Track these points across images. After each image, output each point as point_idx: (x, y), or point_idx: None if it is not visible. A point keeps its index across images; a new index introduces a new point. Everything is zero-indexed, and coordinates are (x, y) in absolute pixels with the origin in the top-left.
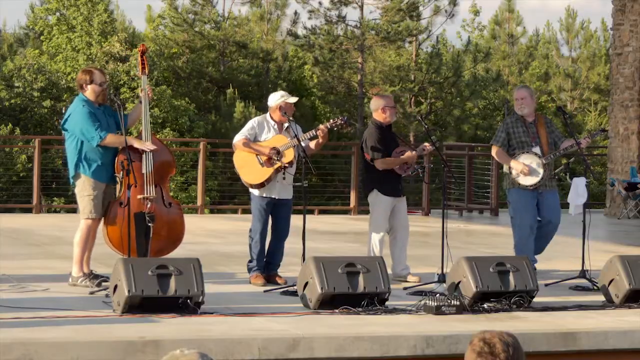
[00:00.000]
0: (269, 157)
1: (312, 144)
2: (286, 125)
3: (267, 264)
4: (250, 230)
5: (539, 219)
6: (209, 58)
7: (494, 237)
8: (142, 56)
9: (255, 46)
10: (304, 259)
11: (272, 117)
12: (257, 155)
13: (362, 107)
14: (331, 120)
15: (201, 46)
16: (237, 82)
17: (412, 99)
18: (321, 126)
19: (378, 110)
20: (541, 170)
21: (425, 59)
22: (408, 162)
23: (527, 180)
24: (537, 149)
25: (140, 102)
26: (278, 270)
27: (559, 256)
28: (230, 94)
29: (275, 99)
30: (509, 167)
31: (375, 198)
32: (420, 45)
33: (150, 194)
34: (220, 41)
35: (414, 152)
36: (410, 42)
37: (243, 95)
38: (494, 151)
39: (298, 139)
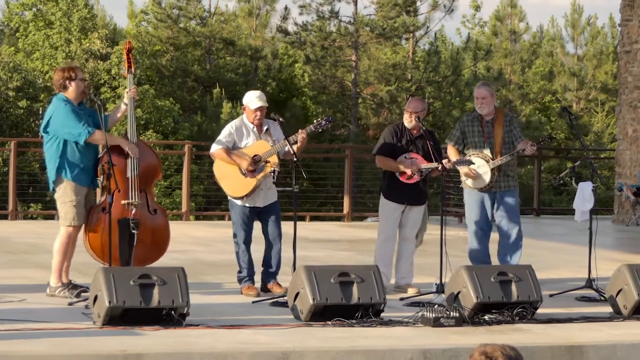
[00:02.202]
0: (250, 170)
1: (293, 148)
2: (265, 127)
3: (264, 272)
4: (234, 238)
5: (496, 220)
6: (195, 56)
7: (495, 245)
8: (128, 54)
9: (243, 43)
10: (294, 268)
11: (250, 120)
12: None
13: (356, 107)
14: (315, 122)
15: (186, 43)
16: (224, 81)
17: (409, 98)
18: (301, 133)
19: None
20: (487, 176)
21: (422, 56)
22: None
23: (475, 184)
24: (487, 151)
25: (124, 102)
26: (277, 278)
27: (564, 265)
28: (217, 93)
29: (253, 100)
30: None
31: (381, 202)
32: (417, 42)
33: (134, 199)
34: (206, 38)
35: (413, 167)
36: (407, 39)
37: (230, 95)
38: (447, 150)
39: (288, 141)
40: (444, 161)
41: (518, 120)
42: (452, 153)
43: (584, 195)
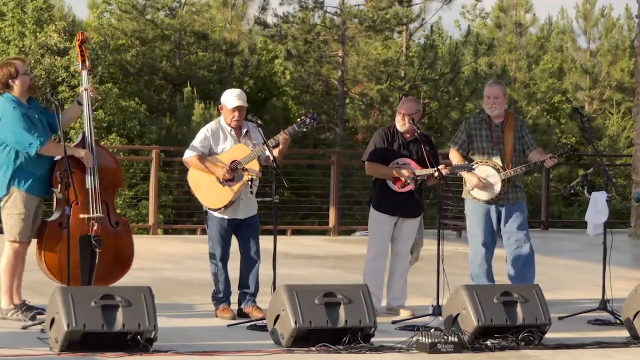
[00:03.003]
0: (227, 178)
1: (275, 152)
2: (245, 129)
3: (241, 294)
4: (211, 255)
5: (503, 235)
6: (163, 51)
7: (499, 262)
8: (81, 47)
9: (217, 37)
10: (274, 288)
11: (227, 122)
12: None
13: (343, 108)
14: (298, 120)
15: (153, 37)
16: (196, 79)
17: (402, 99)
18: (283, 134)
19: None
20: (497, 187)
21: (417, 52)
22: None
23: (482, 195)
24: (497, 159)
25: (79, 102)
26: (256, 301)
27: (576, 284)
28: (188, 93)
29: (231, 99)
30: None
31: (371, 214)
32: (411, 35)
33: (96, 213)
34: (176, 31)
35: (407, 172)
36: (399, 32)
37: (203, 94)
38: (450, 154)
39: (267, 144)
40: (441, 167)
41: (528, 126)
42: (454, 158)
43: (598, 207)
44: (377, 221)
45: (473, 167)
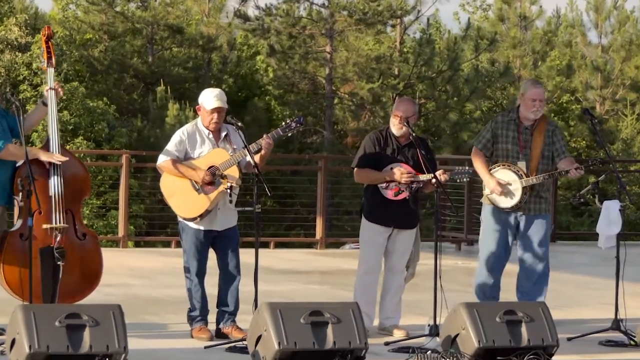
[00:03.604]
0: (207, 181)
1: (256, 158)
2: (224, 133)
3: (219, 313)
4: (185, 269)
5: (518, 249)
6: (134, 46)
7: (508, 277)
8: (47, 43)
9: (193, 31)
10: (255, 306)
11: (205, 124)
12: (190, 179)
13: (331, 109)
14: (282, 124)
15: (124, 31)
16: (170, 77)
17: (396, 99)
18: (266, 138)
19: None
20: (517, 194)
21: (412, 47)
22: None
23: (500, 201)
24: (522, 164)
25: (44, 102)
26: (236, 320)
27: (586, 302)
28: (161, 92)
29: (209, 100)
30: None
31: (362, 225)
32: (406, 29)
33: (59, 223)
34: (148, 24)
35: (399, 170)
36: (393, 26)
37: (177, 94)
38: (472, 154)
39: (248, 149)
40: (439, 173)
41: (562, 132)
42: (477, 159)
43: (610, 217)
44: (369, 232)
45: (471, 172)
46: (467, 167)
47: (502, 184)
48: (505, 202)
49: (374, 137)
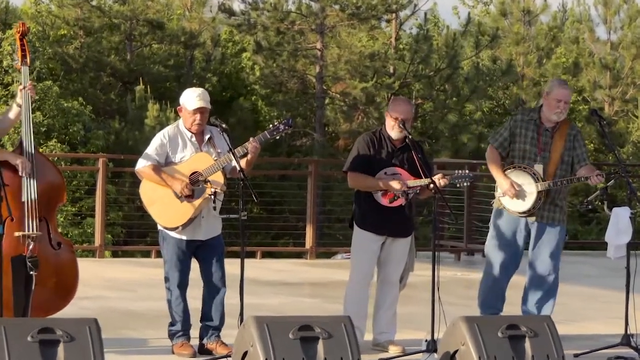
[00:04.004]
0: (188, 192)
1: (242, 163)
2: (208, 135)
3: (203, 327)
4: (166, 280)
5: (529, 258)
6: (111, 43)
7: (513, 290)
8: (22, 39)
9: (174, 26)
10: (241, 320)
11: (187, 126)
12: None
13: (322, 109)
14: (270, 127)
15: (100, 26)
16: (150, 76)
17: (391, 99)
18: (252, 141)
19: (385, 114)
20: (531, 199)
21: (409, 44)
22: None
23: (512, 205)
24: (539, 167)
25: (18, 103)
26: (220, 335)
27: (594, 316)
28: (141, 92)
29: (192, 100)
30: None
31: (354, 234)
32: (401, 25)
33: (32, 230)
34: (126, 20)
35: (400, 183)
36: (388, 21)
37: (158, 93)
38: (487, 152)
39: (234, 153)
40: (437, 177)
41: (583, 137)
42: (492, 158)
43: (619, 225)
44: (361, 241)
45: (472, 176)
46: (467, 171)
47: (515, 185)
48: (518, 206)
49: (368, 138)
